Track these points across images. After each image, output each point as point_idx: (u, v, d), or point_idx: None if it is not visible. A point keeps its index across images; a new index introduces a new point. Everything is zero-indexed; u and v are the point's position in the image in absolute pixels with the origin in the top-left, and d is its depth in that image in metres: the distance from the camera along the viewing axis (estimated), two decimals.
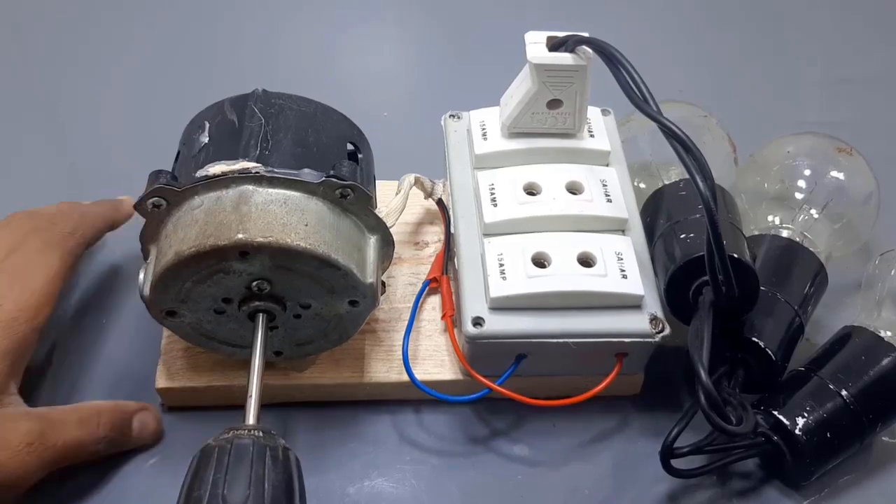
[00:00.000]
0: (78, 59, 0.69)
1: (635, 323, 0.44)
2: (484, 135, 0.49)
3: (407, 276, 0.52)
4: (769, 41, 0.73)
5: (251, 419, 0.38)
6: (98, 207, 0.50)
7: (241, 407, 0.39)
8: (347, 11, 0.75)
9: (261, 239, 0.38)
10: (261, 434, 0.37)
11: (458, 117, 0.52)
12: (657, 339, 0.44)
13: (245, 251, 0.38)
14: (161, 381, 0.47)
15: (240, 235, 0.38)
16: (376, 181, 0.47)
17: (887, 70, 0.72)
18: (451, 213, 0.49)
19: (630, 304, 0.44)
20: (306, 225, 0.39)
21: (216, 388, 0.47)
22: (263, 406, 0.40)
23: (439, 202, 0.52)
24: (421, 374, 0.46)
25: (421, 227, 0.54)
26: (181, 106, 0.47)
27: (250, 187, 0.39)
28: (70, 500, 0.44)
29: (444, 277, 0.49)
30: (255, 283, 0.40)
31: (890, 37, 0.76)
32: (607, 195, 0.47)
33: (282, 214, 0.39)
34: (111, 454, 0.45)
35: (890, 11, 0.78)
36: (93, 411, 0.44)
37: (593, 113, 0.50)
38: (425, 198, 0.52)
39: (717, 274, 0.42)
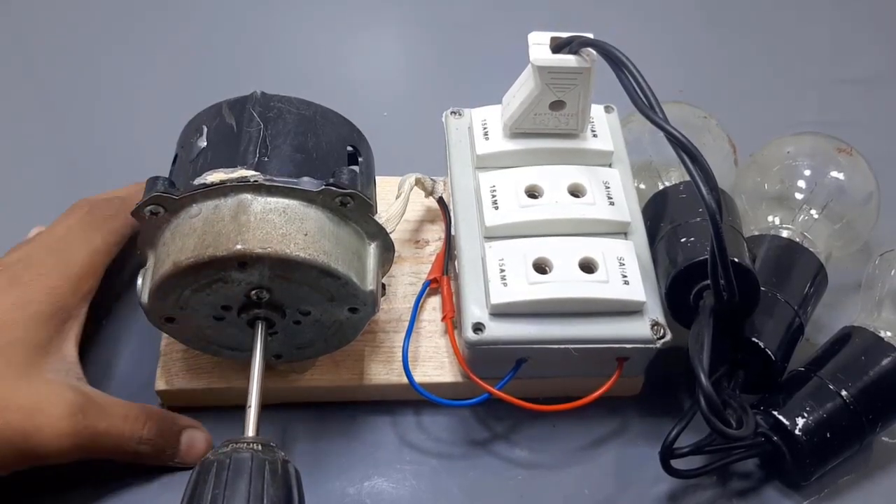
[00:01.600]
0: (77, 58, 0.68)
1: (637, 329, 0.44)
2: (485, 134, 0.49)
3: (407, 275, 0.51)
4: (769, 41, 0.72)
5: (250, 431, 0.38)
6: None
7: (240, 408, 0.39)
8: (347, 11, 0.74)
9: (259, 249, 0.38)
10: (260, 448, 0.36)
11: (460, 114, 0.51)
12: (658, 345, 0.44)
13: (244, 261, 0.38)
14: (160, 384, 0.46)
15: (238, 246, 0.37)
16: (376, 178, 0.46)
17: (887, 70, 0.72)
18: (451, 213, 0.49)
19: (632, 309, 0.44)
20: (305, 234, 0.39)
21: (215, 390, 0.47)
22: (263, 407, 0.40)
23: (440, 201, 0.51)
24: (421, 377, 0.46)
25: (422, 225, 0.54)
26: (179, 106, 0.46)
27: (249, 196, 0.39)
28: None
29: (444, 278, 0.49)
30: (254, 292, 0.40)
31: (890, 37, 0.75)
32: (610, 198, 0.47)
33: (281, 224, 0.39)
34: (153, 464, 0.44)
35: (890, 11, 0.77)
36: (141, 410, 0.44)
37: (596, 110, 0.50)
38: (426, 196, 0.52)
39: (718, 280, 0.42)
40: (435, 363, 0.48)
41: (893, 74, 0.71)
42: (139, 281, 0.41)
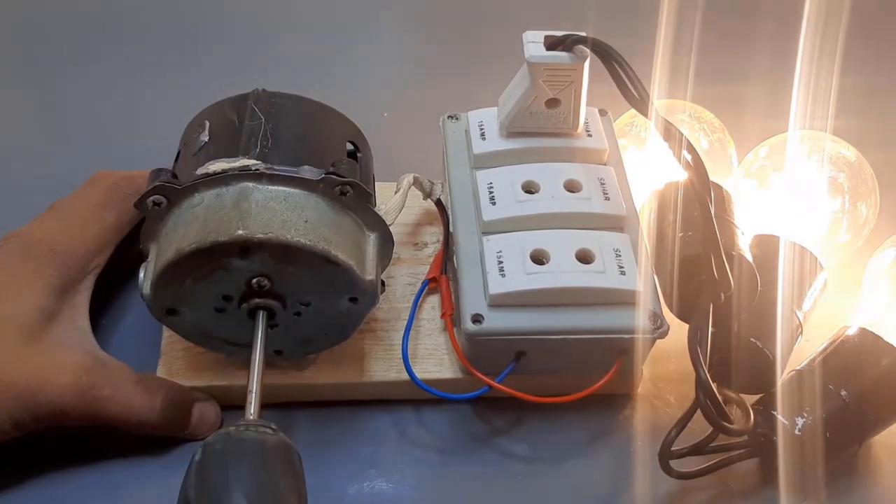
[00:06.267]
0: (78, 57, 0.70)
1: (634, 319, 0.44)
2: (482, 135, 0.50)
3: (406, 276, 0.52)
4: (769, 41, 0.73)
5: (251, 414, 0.38)
6: None
7: (241, 407, 0.39)
8: (347, 11, 0.75)
9: (261, 235, 0.38)
10: (261, 429, 0.36)
11: (457, 118, 0.52)
12: (656, 336, 0.44)
13: (245, 247, 0.38)
14: None
15: (240, 232, 0.38)
16: (375, 182, 0.47)
17: (889, 71, 0.73)
18: (449, 212, 0.50)
19: (628, 300, 0.44)
20: (306, 221, 0.39)
21: (217, 388, 0.47)
22: (263, 406, 0.40)
23: (438, 202, 0.52)
24: (420, 373, 0.46)
25: (420, 227, 0.54)
26: (181, 106, 0.47)
27: (250, 184, 0.40)
28: (67, 499, 0.44)
29: (443, 277, 0.49)
30: (255, 280, 0.40)
31: (892, 39, 0.76)
32: (605, 193, 0.47)
33: (282, 211, 0.39)
34: (163, 434, 0.45)
35: (892, 12, 0.78)
36: (154, 379, 0.45)
37: (591, 113, 0.51)
38: (424, 198, 0.52)
39: (715, 272, 0.42)
40: (434, 360, 0.48)
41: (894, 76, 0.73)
42: (141, 273, 0.41)
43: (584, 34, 0.44)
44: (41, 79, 0.69)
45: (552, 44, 0.45)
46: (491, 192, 0.47)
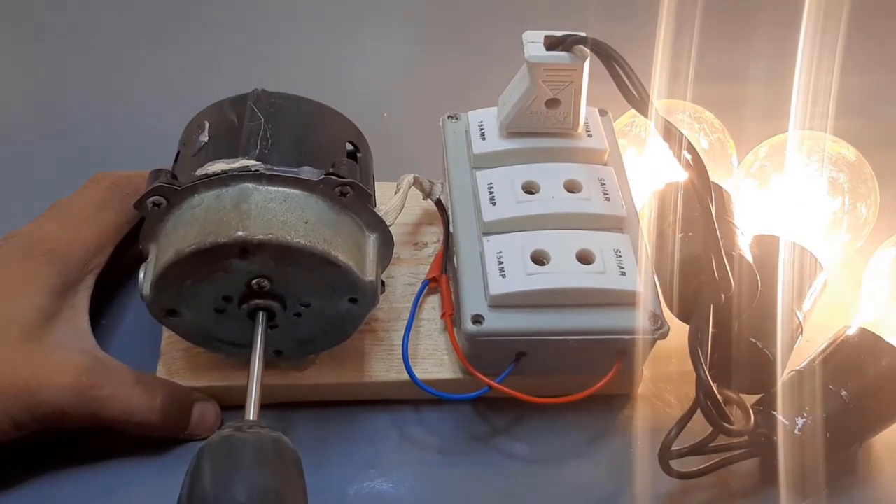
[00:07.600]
0: (77, 58, 0.70)
1: (635, 320, 0.44)
2: (482, 135, 0.50)
3: (406, 276, 0.52)
4: (769, 41, 0.73)
5: (251, 415, 0.38)
6: None
7: (241, 407, 0.39)
8: (347, 11, 0.75)
9: (261, 236, 0.38)
10: (260, 430, 0.36)
11: (457, 118, 0.52)
12: (656, 336, 0.44)
13: (245, 248, 0.38)
14: None
15: (240, 233, 0.38)
16: (375, 182, 0.47)
17: (889, 71, 0.73)
18: (450, 212, 0.50)
19: (629, 301, 0.44)
20: (306, 222, 0.39)
21: (217, 388, 0.46)
22: (263, 406, 0.40)
23: (438, 202, 0.52)
24: (421, 373, 0.46)
25: (420, 227, 0.54)
26: (180, 107, 0.47)
27: (250, 185, 0.40)
28: (67, 499, 0.44)
29: (443, 277, 0.49)
30: (255, 281, 0.40)
31: (892, 39, 0.76)
32: (605, 194, 0.47)
33: (281, 212, 0.39)
34: (163, 435, 0.45)
35: (891, 13, 0.78)
36: (154, 379, 0.45)
37: (591, 113, 0.51)
38: (424, 198, 0.52)
39: (715, 273, 0.42)
40: (435, 360, 0.48)
41: (894, 76, 0.73)
42: (141, 274, 0.41)
43: (583, 34, 0.44)
44: (41, 78, 0.69)
45: (552, 44, 0.45)
46: (491, 193, 0.47)
